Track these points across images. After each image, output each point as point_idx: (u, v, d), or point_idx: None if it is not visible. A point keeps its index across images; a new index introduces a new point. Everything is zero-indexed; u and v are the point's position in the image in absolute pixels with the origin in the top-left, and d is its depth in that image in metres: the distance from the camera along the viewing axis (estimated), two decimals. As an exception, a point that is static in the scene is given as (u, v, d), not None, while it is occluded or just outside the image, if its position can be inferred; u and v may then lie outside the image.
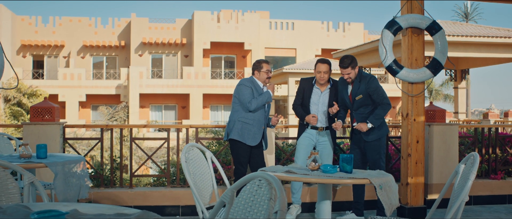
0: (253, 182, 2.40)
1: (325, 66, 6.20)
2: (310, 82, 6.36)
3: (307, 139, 6.35)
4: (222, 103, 38.52)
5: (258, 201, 2.31)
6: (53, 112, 6.75)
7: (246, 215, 2.34)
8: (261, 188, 2.34)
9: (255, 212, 2.30)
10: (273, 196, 2.27)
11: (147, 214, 2.26)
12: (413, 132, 6.78)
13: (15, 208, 2.29)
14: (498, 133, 8.43)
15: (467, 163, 3.81)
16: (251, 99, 5.92)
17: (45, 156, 4.81)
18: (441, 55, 6.66)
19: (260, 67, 6.12)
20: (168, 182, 7.16)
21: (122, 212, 2.34)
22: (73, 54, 37.67)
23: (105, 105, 34.52)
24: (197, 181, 4.22)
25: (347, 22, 40.01)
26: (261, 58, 6.43)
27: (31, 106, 6.80)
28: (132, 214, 2.28)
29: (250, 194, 2.38)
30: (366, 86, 5.98)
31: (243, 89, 6.01)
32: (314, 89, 6.32)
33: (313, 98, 6.31)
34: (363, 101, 6.03)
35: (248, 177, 2.45)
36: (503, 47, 16.05)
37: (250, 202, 2.37)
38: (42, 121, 6.73)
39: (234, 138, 5.98)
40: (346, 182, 3.80)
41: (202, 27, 37.09)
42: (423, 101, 6.86)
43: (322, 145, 6.36)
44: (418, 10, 6.72)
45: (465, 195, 3.50)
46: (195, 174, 4.23)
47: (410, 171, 6.76)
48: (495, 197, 7.88)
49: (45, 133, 6.65)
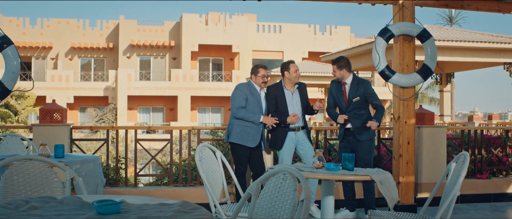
0: (278, 176, 2.75)
1: (296, 65, 6.55)
2: (280, 87, 6.60)
3: (288, 144, 6.60)
4: (210, 106, 38.80)
5: (284, 191, 2.66)
6: (62, 113, 7.05)
7: (273, 205, 2.69)
8: (285, 180, 2.69)
9: (281, 202, 2.65)
10: (297, 187, 2.62)
11: (187, 204, 2.59)
12: (404, 134, 7.18)
13: (71, 199, 2.62)
14: (483, 135, 8.87)
15: (458, 161, 4.18)
16: (240, 108, 6.22)
17: (62, 155, 5.12)
18: (431, 61, 7.07)
19: (256, 72, 6.44)
20: (170, 181, 7.48)
21: (164, 202, 2.67)
22: (61, 56, 37.72)
23: (93, 107, 34.64)
24: (209, 178, 4.55)
25: (334, 26, 40.47)
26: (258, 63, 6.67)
27: (41, 108, 7.08)
28: (174, 204, 2.61)
29: (276, 186, 2.73)
30: (364, 90, 6.37)
31: (237, 94, 6.33)
32: (285, 92, 6.59)
33: (288, 100, 6.56)
34: (358, 104, 6.41)
35: (272, 172, 2.80)
36: (487, 51, 16.53)
37: (276, 193, 2.71)
38: (51, 122, 7.02)
39: (234, 141, 6.29)
40: (350, 178, 4.17)
41: (190, 29, 37.34)
42: (414, 104, 7.27)
43: (303, 144, 6.62)
44: (409, 18, 7.12)
45: (457, 190, 3.87)
46: (207, 172, 4.56)
47: (401, 170, 7.16)
48: (481, 196, 8.30)
49: (54, 134, 6.94)
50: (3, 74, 6.12)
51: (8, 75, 6.12)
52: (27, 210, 2.36)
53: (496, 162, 8.82)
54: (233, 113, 6.24)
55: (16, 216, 2.23)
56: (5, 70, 6.14)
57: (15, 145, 6.27)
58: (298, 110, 6.56)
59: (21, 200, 2.49)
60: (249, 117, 6.20)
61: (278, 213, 2.64)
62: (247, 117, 6.19)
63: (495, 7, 7.53)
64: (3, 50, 6.08)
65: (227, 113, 38.80)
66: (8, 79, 6.13)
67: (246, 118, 6.19)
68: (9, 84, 6.15)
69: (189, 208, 2.49)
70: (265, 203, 2.76)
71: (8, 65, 6.12)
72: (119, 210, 2.38)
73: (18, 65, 6.15)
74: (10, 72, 6.11)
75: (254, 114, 6.22)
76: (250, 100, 6.28)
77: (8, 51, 6.11)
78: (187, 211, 2.42)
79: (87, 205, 2.53)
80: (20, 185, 3.03)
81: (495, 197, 8.37)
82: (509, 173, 8.80)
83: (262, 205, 2.77)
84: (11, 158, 3.19)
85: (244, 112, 6.20)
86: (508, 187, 8.48)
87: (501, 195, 8.42)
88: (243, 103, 6.23)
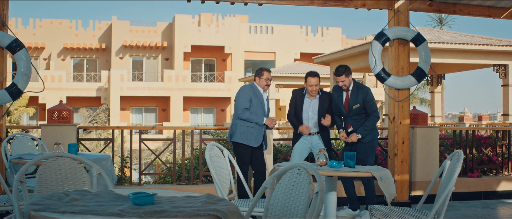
0: (292, 171, 3.03)
1: (315, 80, 6.76)
2: (301, 93, 6.95)
3: (302, 143, 6.93)
4: (202, 106, 39.06)
5: (299, 185, 2.94)
6: (69, 114, 7.29)
7: (288, 197, 2.96)
8: (300, 175, 2.96)
9: (297, 194, 2.92)
10: (311, 180, 2.90)
11: (211, 196, 2.86)
12: (399, 134, 7.49)
13: (105, 192, 2.88)
14: (474, 135, 9.20)
15: (452, 159, 4.47)
16: (245, 109, 6.51)
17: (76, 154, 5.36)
18: (425, 64, 7.38)
19: (261, 75, 6.72)
20: (174, 179, 7.73)
21: (190, 195, 2.94)
22: (53, 56, 37.82)
23: (85, 108, 34.76)
24: (218, 175, 4.82)
25: (326, 27, 40.83)
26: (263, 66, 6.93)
27: (48, 109, 7.32)
28: (199, 196, 2.87)
29: (291, 180, 3.01)
30: (364, 96, 6.60)
31: (242, 95, 6.61)
32: (305, 99, 6.91)
33: (305, 107, 6.88)
34: (359, 110, 6.65)
35: (287, 167, 3.07)
36: (477, 53, 16.92)
37: (291, 186, 2.99)
38: (58, 123, 7.26)
39: (238, 141, 6.57)
40: (352, 174, 4.46)
41: (183, 30, 37.56)
42: (408, 106, 7.57)
43: (316, 147, 6.94)
44: (404, 23, 7.43)
45: (452, 185, 4.15)
46: (216, 170, 4.83)
47: (396, 169, 7.47)
48: (472, 194, 8.62)
49: (61, 133, 7.18)
50: (16, 76, 6.39)
51: (20, 77, 6.40)
52: (70, 201, 2.61)
53: (486, 161, 9.14)
54: (238, 114, 6.52)
55: (62, 206, 2.49)
56: (18, 72, 6.41)
57: (26, 144, 6.50)
58: (313, 118, 6.83)
59: (61, 193, 2.75)
60: (253, 118, 6.48)
61: (294, 204, 2.91)
62: (252, 119, 6.47)
63: (485, 12, 7.86)
64: (16, 53, 6.34)
65: (220, 114, 39.07)
66: (20, 81, 6.41)
67: (250, 120, 6.48)
68: (22, 86, 6.44)
69: (214, 199, 2.76)
70: (281, 195, 3.03)
71: (21, 67, 6.39)
72: (153, 201, 2.64)
73: (29, 67, 6.41)
74: (23, 74, 6.38)
75: (258, 116, 6.50)
76: (254, 102, 6.56)
77: (20, 54, 6.38)
78: (213, 202, 2.69)
79: (122, 197, 2.79)
80: (53, 180, 3.28)
81: (486, 194, 8.70)
82: (499, 172, 9.13)
83: (278, 197, 3.05)
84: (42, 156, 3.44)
85: (249, 114, 6.48)
86: (498, 185, 8.81)
87: (491, 193, 8.74)
88: (248, 105, 6.51)
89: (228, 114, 38.64)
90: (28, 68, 6.36)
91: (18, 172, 3.11)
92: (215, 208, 2.51)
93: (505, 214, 7.73)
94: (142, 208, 2.50)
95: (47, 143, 6.89)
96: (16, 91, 6.30)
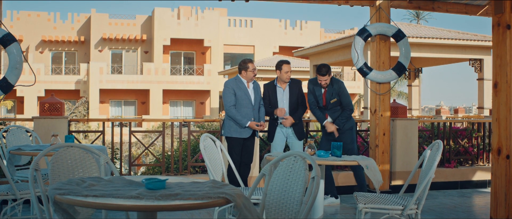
0: (289, 158, 3.29)
1: (289, 66, 7.10)
2: (273, 84, 7.26)
3: (279, 134, 7.22)
4: (182, 99, 39.20)
5: (296, 171, 3.20)
6: (60, 107, 7.46)
7: (286, 182, 3.23)
8: (297, 162, 3.23)
9: (294, 179, 3.19)
10: (307, 167, 3.17)
11: (215, 181, 3.11)
12: (380, 126, 7.82)
13: (118, 178, 3.11)
14: (451, 127, 9.58)
15: (433, 148, 4.78)
16: (231, 107, 6.79)
17: (72, 145, 5.56)
18: (405, 59, 7.70)
19: (246, 67, 6.97)
20: (163, 170, 7.96)
21: (195, 181, 3.19)
22: (31, 49, 37.59)
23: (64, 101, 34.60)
24: (212, 164, 5.06)
25: (304, 21, 41.19)
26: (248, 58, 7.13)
27: (40, 101, 7.48)
28: (205, 182, 3.13)
29: (288, 167, 3.27)
30: (338, 89, 6.93)
31: (225, 92, 6.90)
32: (277, 89, 7.21)
33: (278, 96, 7.18)
34: (336, 103, 6.99)
35: (284, 155, 3.33)
36: (453, 48, 17.35)
37: (288, 172, 3.26)
38: (50, 115, 7.42)
39: (230, 135, 6.83)
40: (339, 163, 4.75)
41: (162, 23, 37.62)
42: (389, 99, 7.90)
43: (291, 137, 7.23)
44: (385, 19, 7.74)
45: (432, 173, 4.46)
46: (210, 159, 5.07)
47: (377, 159, 7.80)
48: (449, 183, 8.99)
49: (53, 126, 7.35)
50: (7, 70, 6.51)
51: (11, 71, 6.51)
52: (88, 186, 2.85)
53: (462, 152, 9.53)
54: (226, 110, 6.80)
55: (83, 191, 2.72)
56: (9, 66, 6.52)
57: (20, 136, 6.67)
58: (286, 105, 7.13)
59: (77, 179, 2.98)
60: (238, 119, 6.76)
61: (292, 189, 3.18)
62: (236, 119, 6.76)
63: (463, 10, 8.21)
64: (7, 46, 6.47)
65: (199, 106, 39.25)
66: (11, 75, 6.53)
67: (235, 119, 6.77)
68: (13, 80, 6.55)
69: (219, 184, 3.01)
70: (278, 181, 3.30)
71: (12, 61, 6.52)
72: (165, 186, 2.88)
73: (20, 61, 6.55)
74: (14, 68, 6.50)
75: (243, 118, 6.76)
76: (238, 94, 6.82)
77: (12, 48, 6.50)
78: (219, 187, 2.94)
79: (134, 183, 3.02)
80: (65, 169, 3.50)
81: (462, 184, 9.08)
82: (474, 162, 9.53)
83: (276, 182, 3.32)
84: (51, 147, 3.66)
85: (234, 112, 6.76)
86: (474, 175, 9.20)
87: (467, 182, 9.13)
88: (233, 101, 6.78)
89: (207, 107, 38.84)
90: (19, 63, 6.48)
91: (33, 161, 3.32)
92: (223, 191, 2.76)
93: (480, 202, 8.11)
94: (156, 192, 2.74)
95: (40, 135, 7.05)
96: (6, 86, 6.41)
